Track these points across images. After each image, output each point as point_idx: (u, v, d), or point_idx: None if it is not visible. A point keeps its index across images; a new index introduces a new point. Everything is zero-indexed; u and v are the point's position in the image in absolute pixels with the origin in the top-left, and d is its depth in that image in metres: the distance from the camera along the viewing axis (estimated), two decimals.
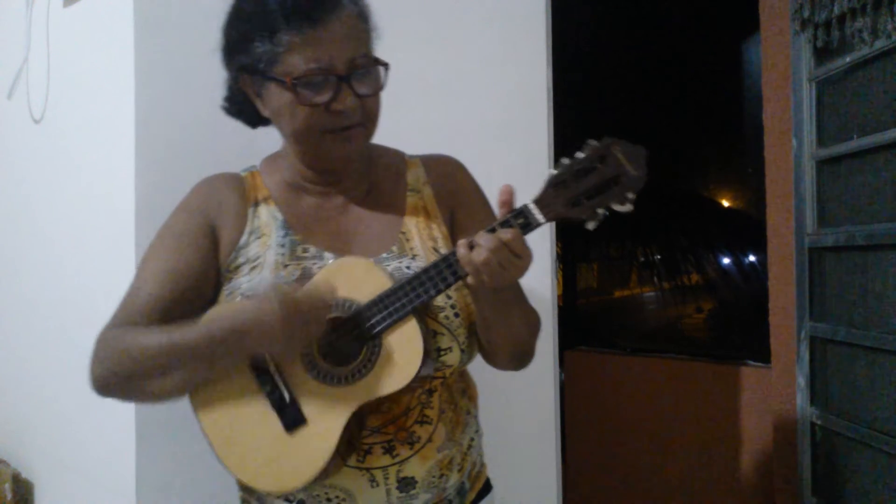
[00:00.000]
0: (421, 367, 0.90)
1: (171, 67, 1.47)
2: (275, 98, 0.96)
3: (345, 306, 0.92)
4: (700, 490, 2.79)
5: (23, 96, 1.89)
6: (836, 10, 1.88)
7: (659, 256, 4.31)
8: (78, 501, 1.69)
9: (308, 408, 0.91)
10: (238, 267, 1.01)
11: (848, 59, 1.90)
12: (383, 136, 1.14)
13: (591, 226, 0.90)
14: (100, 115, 1.56)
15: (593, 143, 0.91)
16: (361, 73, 0.95)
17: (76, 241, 1.68)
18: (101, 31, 1.55)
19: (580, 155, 0.91)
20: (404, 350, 0.91)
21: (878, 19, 1.76)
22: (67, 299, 1.73)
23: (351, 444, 0.96)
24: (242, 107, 1.04)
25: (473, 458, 1.11)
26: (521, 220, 0.90)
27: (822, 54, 2.02)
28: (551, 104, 1.93)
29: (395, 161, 1.13)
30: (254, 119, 1.06)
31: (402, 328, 0.91)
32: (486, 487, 1.14)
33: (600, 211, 0.89)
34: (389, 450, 0.98)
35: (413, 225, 1.06)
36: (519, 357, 1.08)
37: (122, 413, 1.45)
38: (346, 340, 0.92)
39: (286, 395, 0.92)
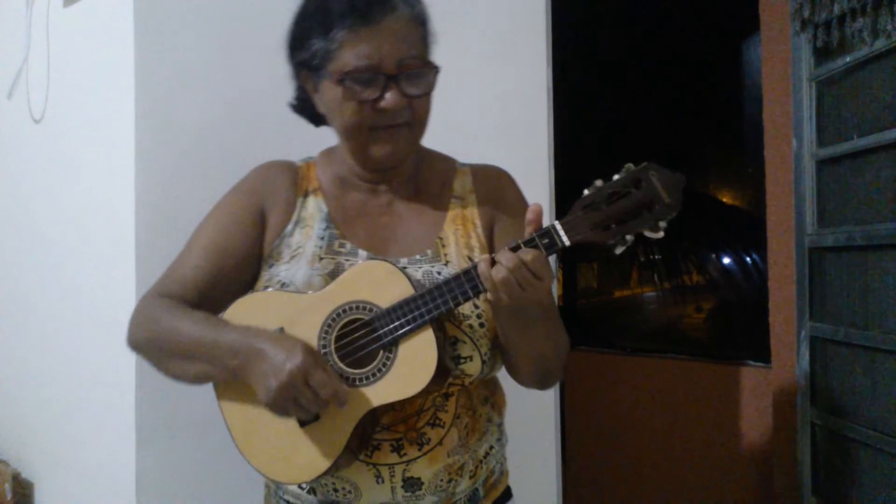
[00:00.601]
0: (433, 378, 0.91)
1: (171, 67, 1.47)
2: (327, 93, 1.00)
3: (365, 309, 0.94)
4: (700, 490, 2.79)
5: (23, 96, 1.89)
6: (836, 10, 1.88)
7: (659, 256, 4.31)
8: (78, 501, 1.69)
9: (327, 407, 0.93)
10: (280, 254, 1.04)
11: (848, 59, 1.90)
12: None
13: (618, 251, 0.88)
14: (100, 115, 1.56)
15: (630, 166, 0.89)
16: (411, 73, 0.97)
17: (76, 241, 1.68)
18: (101, 31, 1.55)
19: (615, 178, 0.89)
20: (418, 360, 0.91)
21: (878, 19, 1.76)
22: (67, 299, 1.73)
23: (363, 441, 0.97)
24: (305, 104, 1.08)
25: (491, 466, 1.09)
26: (546, 241, 0.88)
27: (822, 54, 2.02)
28: (551, 104, 1.93)
29: (445, 167, 1.14)
30: (316, 118, 1.10)
31: (418, 337, 0.92)
32: (506, 496, 1.13)
33: (629, 237, 0.87)
34: (398, 448, 0.98)
35: (451, 231, 1.07)
36: (541, 377, 1.07)
37: (122, 413, 1.45)
38: (363, 343, 0.94)
39: None
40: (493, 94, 1.83)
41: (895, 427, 1.76)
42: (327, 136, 1.70)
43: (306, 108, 1.09)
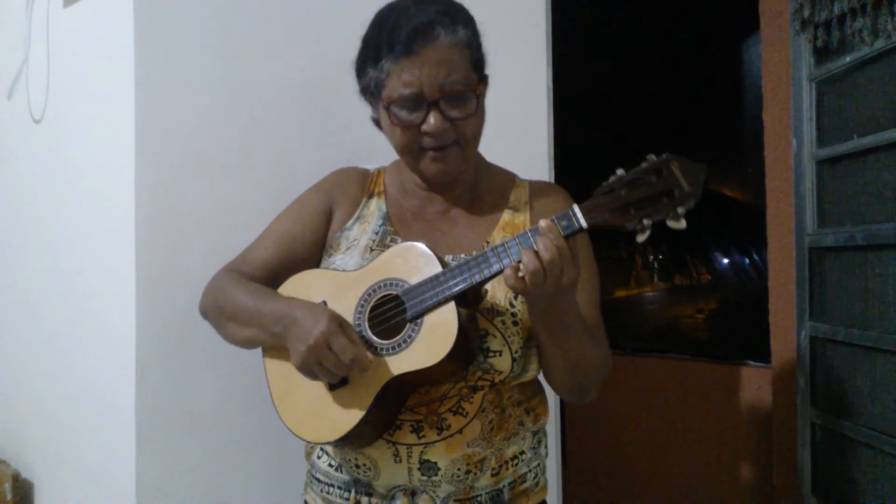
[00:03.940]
0: (453, 350, 0.93)
1: (171, 67, 1.47)
2: (383, 118, 1.09)
3: (397, 286, 1.01)
4: (700, 490, 2.79)
5: (23, 96, 1.89)
6: (836, 10, 1.88)
7: (659, 256, 4.30)
8: (78, 501, 1.69)
9: (352, 371, 0.99)
10: (338, 245, 1.15)
11: (848, 59, 1.90)
12: (380, 137, 1.14)
13: (640, 238, 0.89)
14: (100, 115, 1.56)
15: (652, 157, 0.91)
16: (452, 97, 1.03)
17: (76, 241, 1.68)
18: (101, 31, 1.55)
19: (637, 167, 0.91)
20: (440, 331, 0.95)
21: (878, 19, 1.76)
22: (66, 299, 1.73)
23: (389, 420, 1.03)
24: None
25: (521, 471, 1.10)
26: (564, 223, 0.91)
27: (822, 54, 2.02)
28: (551, 104, 1.93)
29: (504, 180, 1.21)
30: None
31: (441, 311, 0.96)
32: None
33: (646, 222, 0.89)
34: (417, 430, 1.03)
35: (500, 237, 1.11)
36: (574, 390, 1.11)
37: (122, 413, 1.45)
38: (392, 316, 1.00)
39: None
40: (493, 93, 1.83)
41: (895, 427, 1.76)
42: (325, 138, 1.71)
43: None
